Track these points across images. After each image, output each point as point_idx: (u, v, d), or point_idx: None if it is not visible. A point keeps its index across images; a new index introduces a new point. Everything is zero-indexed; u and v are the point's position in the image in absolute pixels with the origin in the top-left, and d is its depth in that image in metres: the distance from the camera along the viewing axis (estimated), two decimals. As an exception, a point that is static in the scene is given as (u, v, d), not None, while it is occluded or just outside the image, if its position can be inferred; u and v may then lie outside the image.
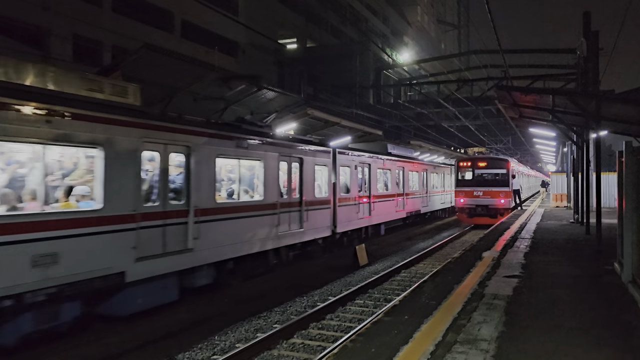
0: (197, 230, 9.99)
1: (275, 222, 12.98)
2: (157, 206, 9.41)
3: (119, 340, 8.43)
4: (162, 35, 28.69)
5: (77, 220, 7.66)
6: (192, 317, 10.06)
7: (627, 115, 12.37)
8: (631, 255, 7.72)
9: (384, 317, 6.53)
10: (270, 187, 12.89)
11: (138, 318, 9.37)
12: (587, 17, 17.42)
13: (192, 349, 8.25)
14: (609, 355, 4.95)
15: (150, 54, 12.19)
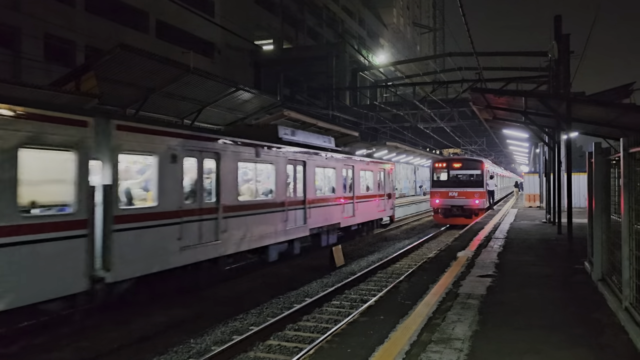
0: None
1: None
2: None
3: (92, 344, 8.29)
4: (137, 36, 28.37)
5: (145, 215, 9.39)
6: (167, 320, 9.95)
7: (597, 117, 12.67)
8: (601, 254, 7.89)
9: (360, 317, 6.56)
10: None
11: (111, 322, 9.24)
12: (558, 20, 17.75)
13: (167, 352, 8.15)
14: (579, 353, 5.05)
15: (125, 54, 12.05)
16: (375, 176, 22.36)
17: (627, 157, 5.74)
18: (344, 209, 18.84)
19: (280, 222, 14.37)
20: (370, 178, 21.95)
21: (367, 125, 36.63)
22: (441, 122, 33.47)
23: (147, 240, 9.29)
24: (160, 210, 9.68)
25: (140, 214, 9.30)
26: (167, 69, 13.50)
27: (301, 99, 40.79)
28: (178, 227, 10.10)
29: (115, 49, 11.54)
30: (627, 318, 5.66)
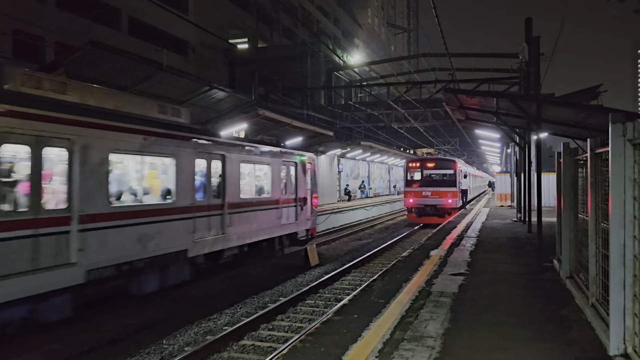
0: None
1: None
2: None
3: (62, 347, 8.14)
4: (109, 33, 27.88)
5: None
6: (139, 321, 9.82)
7: (566, 118, 12.95)
8: (568, 252, 8.07)
9: (334, 316, 6.58)
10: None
11: (81, 324, 9.09)
12: (529, 23, 18.07)
13: (140, 353, 8.06)
14: (547, 349, 5.16)
15: (96, 51, 11.86)
16: (274, 172, 15.45)
17: (593, 157, 5.88)
18: (196, 225, 11.49)
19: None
20: (264, 175, 15.44)
21: (342, 124, 36.75)
22: (415, 122, 33.78)
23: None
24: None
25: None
26: (139, 66, 13.33)
27: (276, 98, 40.68)
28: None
29: (85, 46, 11.35)
30: (594, 314, 5.80)
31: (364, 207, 33.69)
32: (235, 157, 13.42)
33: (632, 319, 4.30)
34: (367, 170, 44.42)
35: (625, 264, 4.30)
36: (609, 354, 4.54)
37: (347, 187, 36.69)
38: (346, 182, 37.69)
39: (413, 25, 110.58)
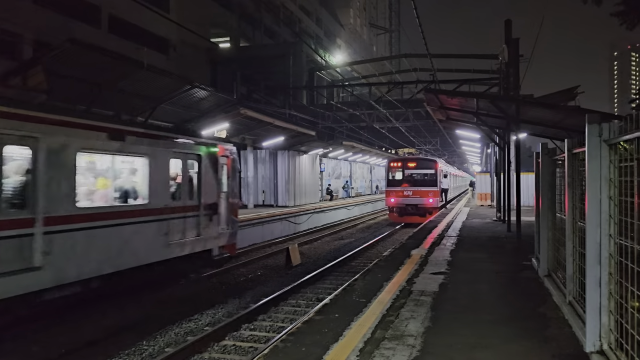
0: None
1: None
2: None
3: (39, 349, 8.02)
4: (88, 30, 27.51)
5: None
6: (119, 322, 9.72)
7: (544, 118, 13.13)
8: (547, 251, 8.19)
9: (315, 316, 6.59)
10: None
11: (58, 326, 8.96)
12: (509, 25, 18.29)
13: (119, 355, 7.98)
14: (526, 346, 5.23)
15: (75, 49, 11.70)
16: (156, 168, 11.14)
17: (571, 157, 5.98)
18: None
19: None
20: (136, 172, 11.22)
21: (324, 124, 36.78)
22: (396, 122, 33.95)
23: None
24: None
25: None
26: (119, 64, 13.18)
27: (258, 97, 40.51)
28: None
29: (64, 43, 11.19)
30: (571, 312, 5.90)
31: (345, 207, 33.77)
32: (63, 142, 8.83)
33: (607, 316, 4.38)
34: (349, 170, 44.52)
35: (601, 262, 4.38)
36: (585, 351, 4.62)
37: (329, 187, 36.74)
38: (328, 181, 37.73)
39: (395, 26, 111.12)
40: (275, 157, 27.62)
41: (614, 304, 4.27)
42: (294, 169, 28.27)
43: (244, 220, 20.23)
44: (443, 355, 4.99)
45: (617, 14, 7.42)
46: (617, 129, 4.27)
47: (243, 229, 19.96)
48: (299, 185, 28.88)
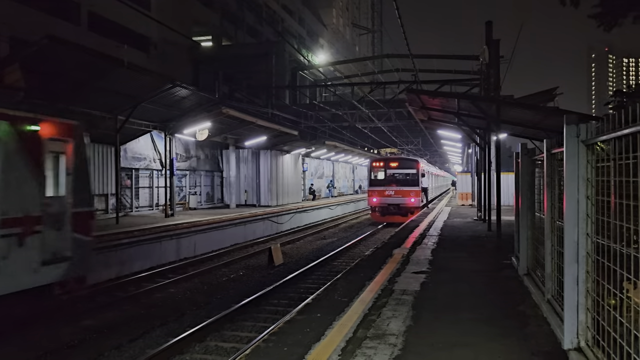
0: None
1: None
2: None
3: (17, 350, 7.89)
4: (68, 27, 27.09)
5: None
6: (98, 324, 9.62)
7: (524, 119, 13.29)
8: (526, 249, 8.29)
9: (298, 315, 6.58)
10: None
11: (37, 328, 8.82)
12: (489, 26, 18.46)
13: (99, 357, 7.88)
14: (506, 344, 5.29)
15: (53, 46, 11.55)
16: None
17: (549, 157, 6.05)
18: None
19: None
20: None
21: (307, 124, 36.76)
22: (379, 122, 34.07)
23: None
24: None
25: None
26: (99, 62, 13.05)
27: (240, 96, 40.32)
28: None
29: (42, 40, 11.04)
30: (549, 309, 5.98)
31: (328, 207, 33.81)
32: None
33: (585, 314, 4.45)
34: (331, 170, 44.57)
35: (578, 260, 4.45)
36: (564, 348, 4.68)
37: (311, 187, 36.74)
38: (310, 181, 37.74)
39: (377, 26, 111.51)
40: (257, 156, 27.54)
41: (591, 302, 4.34)
42: (277, 168, 28.22)
43: (226, 220, 20.15)
44: (424, 353, 5.02)
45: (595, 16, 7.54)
46: (594, 130, 4.34)
47: (225, 228, 19.90)
48: (281, 185, 28.83)
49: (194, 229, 17.88)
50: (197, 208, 25.31)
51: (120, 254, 14.29)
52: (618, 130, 3.43)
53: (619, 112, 3.43)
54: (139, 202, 21.86)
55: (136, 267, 14.82)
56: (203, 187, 26.96)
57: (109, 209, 19.66)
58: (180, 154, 24.50)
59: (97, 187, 19.00)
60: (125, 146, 20.27)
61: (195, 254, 17.76)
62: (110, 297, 11.77)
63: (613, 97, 7.05)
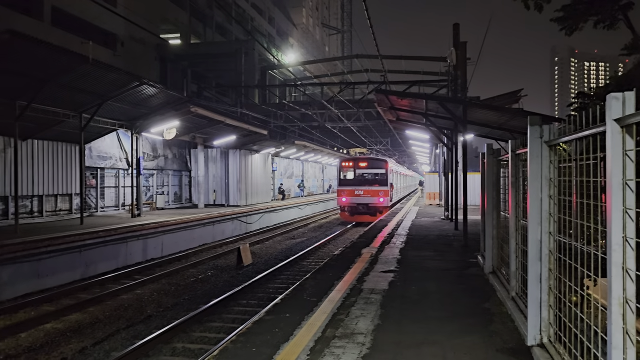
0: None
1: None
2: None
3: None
4: (29, 22, 26.34)
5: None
6: (62, 327, 9.39)
7: (490, 120, 13.54)
8: (492, 248, 8.45)
9: (266, 315, 6.55)
10: None
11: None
12: (457, 28, 18.74)
13: (61, 360, 7.70)
14: (471, 341, 5.38)
15: (14, 41, 11.22)
16: None
17: (514, 157, 6.18)
18: None
19: None
20: None
21: (276, 123, 36.67)
22: (348, 122, 34.22)
23: None
24: None
25: None
26: (62, 58, 12.73)
27: (209, 95, 39.96)
28: None
29: (2, 35, 10.70)
30: (514, 307, 6.11)
31: (297, 206, 33.78)
32: None
33: (547, 311, 4.56)
34: (301, 170, 44.55)
35: (541, 258, 4.55)
36: (527, 344, 4.79)
37: (280, 186, 36.65)
38: (280, 181, 37.65)
39: (347, 27, 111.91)
40: (226, 156, 27.32)
41: (554, 299, 4.45)
42: (246, 168, 28.05)
43: (194, 220, 19.93)
44: (392, 352, 5.06)
45: (557, 20, 7.73)
46: (557, 131, 4.45)
47: (193, 228, 19.68)
48: (250, 185, 28.66)
49: (161, 229, 17.62)
50: (165, 208, 24.95)
51: (85, 255, 13.99)
52: (579, 132, 3.52)
53: (580, 114, 3.53)
54: (104, 202, 21.42)
55: (101, 269, 14.54)
56: (171, 186, 26.59)
57: (73, 209, 19.21)
58: (148, 153, 24.11)
59: (61, 186, 18.55)
60: (90, 145, 19.84)
61: (162, 254, 17.52)
62: (74, 299, 11.51)
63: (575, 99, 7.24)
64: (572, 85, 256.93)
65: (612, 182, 2.77)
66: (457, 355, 4.94)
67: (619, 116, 2.77)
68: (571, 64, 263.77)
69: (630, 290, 2.71)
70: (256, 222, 26.20)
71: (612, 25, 7.31)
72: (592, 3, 7.20)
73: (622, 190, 2.74)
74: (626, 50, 6.99)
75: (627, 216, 2.72)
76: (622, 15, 7.08)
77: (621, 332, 2.74)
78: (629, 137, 2.74)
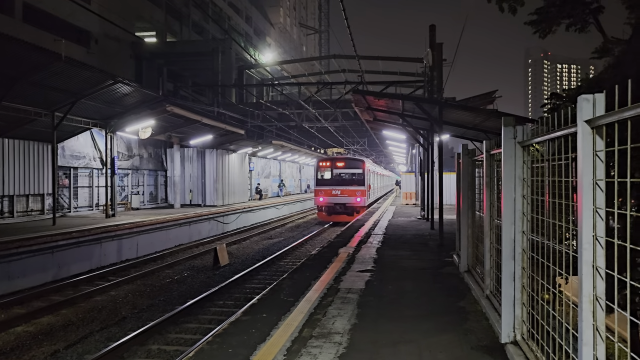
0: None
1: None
2: None
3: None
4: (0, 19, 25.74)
5: None
6: (33, 330, 9.21)
7: (465, 121, 13.70)
8: (467, 247, 8.55)
9: (243, 316, 6.52)
10: None
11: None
12: (433, 30, 18.93)
13: (33, 364, 7.54)
14: (446, 339, 5.44)
15: (-17, 38, 10.97)
16: None
17: (488, 158, 6.26)
18: None
19: None
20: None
21: (253, 123, 36.49)
22: (325, 122, 34.25)
23: None
24: None
25: None
26: (34, 56, 12.48)
27: (185, 94, 39.56)
28: None
29: (-29, 32, 10.45)
30: (488, 305, 6.19)
31: (275, 206, 33.70)
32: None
33: (521, 309, 4.63)
34: (278, 169, 44.45)
35: (515, 257, 4.62)
36: (501, 342, 4.86)
37: (258, 186, 36.50)
38: (257, 180, 37.50)
39: (324, 27, 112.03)
40: (203, 155, 27.10)
41: (527, 297, 4.52)
42: (223, 168, 27.86)
43: (170, 220, 19.73)
44: (369, 351, 5.09)
45: (530, 23, 7.85)
46: (530, 132, 4.52)
47: (169, 229, 19.49)
48: (227, 185, 28.48)
49: (136, 230, 17.39)
50: (140, 208, 24.63)
51: (57, 257, 13.73)
52: (551, 133, 3.58)
53: (552, 116, 3.59)
54: (78, 202, 21.06)
55: (75, 270, 14.29)
56: (146, 186, 26.27)
57: (45, 209, 18.83)
58: (122, 153, 23.77)
59: (33, 186, 18.18)
60: (63, 144, 19.48)
61: (137, 255, 17.30)
62: (46, 301, 11.30)
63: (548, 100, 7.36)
64: (545, 86, 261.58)
65: (583, 182, 2.83)
66: (432, 354, 4.99)
67: (590, 117, 2.82)
68: (544, 66, 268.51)
69: (600, 287, 2.77)
70: (233, 222, 26.05)
71: (583, 28, 7.46)
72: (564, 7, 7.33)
73: (592, 190, 2.80)
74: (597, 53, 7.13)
75: (597, 215, 2.78)
76: (593, 19, 7.23)
77: (591, 328, 2.80)
78: (599, 138, 2.80)
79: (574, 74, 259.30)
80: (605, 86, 3.60)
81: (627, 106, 2.35)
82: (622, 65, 5.81)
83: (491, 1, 8.09)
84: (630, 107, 2.33)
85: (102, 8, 27.23)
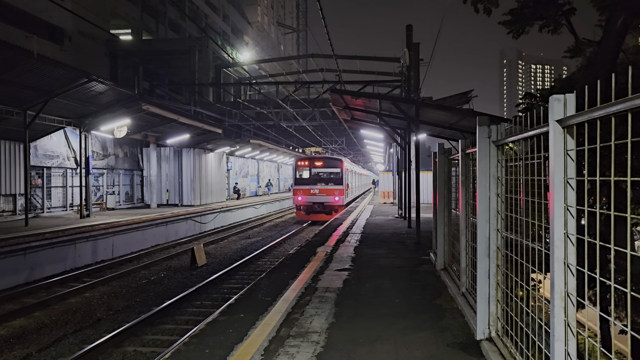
0: None
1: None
2: None
3: None
4: (-31, 14, 25.13)
5: None
6: (4, 333, 9.02)
7: (441, 120, 13.83)
8: (443, 245, 8.64)
9: (220, 316, 6.48)
10: None
11: None
12: (410, 30, 19.07)
13: (4, 368, 7.38)
14: (423, 336, 5.48)
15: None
16: None
17: (464, 157, 6.33)
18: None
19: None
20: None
21: (231, 122, 36.30)
22: (303, 122, 34.25)
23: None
24: None
25: None
26: (5, 53, 12.22)
27: (162, 93, 39.16)
28: None
29: (-61, 28, 10.18)
30: (464, 302, 6.26)
31: (253, 205, 33.56)
32: None
33: (495, 305, 4.70)
34: (256, 169, 44.28)
35: (489, 255, 4.69)
36: (476, 339, 4.92)
37: (236, 185, 36.32)
38: (235, 180, 37.31)
39: (302, 26, 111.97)
40: (180, 155, 26.85)
41: (501, 294, 4.58)
42: (200, 167, 27.64)
43: (147, 220, 19.50)
44: (346, 349, 5.10)
45: (504, 23, 7.96)
46: (504, 132, 4.58)
47: (145, 229, 19.27)
48: (205, 184, 28.27)
49: (111, 230, 17.14)
50: (116, 208, 24.30)
51: (30, 258, 13.46)
52: (525, 132, 3.64)
53: (525, 115, 3.65)
54: (51, 203, 20.67)
55: (48, 272, 14.03)
56: (122, 186, 25.92)
57: (17, 209, 18.45)
58: (97, 152, 23.42)
59: (4, 186, 17.79)
60: (36, 143, 19.11)
61: (113, 256, 17.05)
62: (18, 303, 11.07)
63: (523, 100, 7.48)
64: (520, 86, 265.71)
65: (555, 181, 2.88)
66: (409, 351, 5.03)
67: (561, 117, 2.87)
68: (519, 66, 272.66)
69: (571, 284, 2.83)
70: (211, 222, 25.87)
71: (556, 29, 7.58)
72: (537, 8, 7.45)
73: (563, 189, 2.85)
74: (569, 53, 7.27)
75: (568, 213, 2.83)
76: (565, 20, 7.36)
77: (563, 324, 2.85)
78: (570, 137, 2.85)
79: (548, 74, 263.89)
80: (577, 86, 3.67)
81: (597, 106, 2.40)
82: (593, 66, 5.92)
83: (466, 2, 8.18)
84: (599, 107, 2.38)
85: (76, 5, 26.76)
